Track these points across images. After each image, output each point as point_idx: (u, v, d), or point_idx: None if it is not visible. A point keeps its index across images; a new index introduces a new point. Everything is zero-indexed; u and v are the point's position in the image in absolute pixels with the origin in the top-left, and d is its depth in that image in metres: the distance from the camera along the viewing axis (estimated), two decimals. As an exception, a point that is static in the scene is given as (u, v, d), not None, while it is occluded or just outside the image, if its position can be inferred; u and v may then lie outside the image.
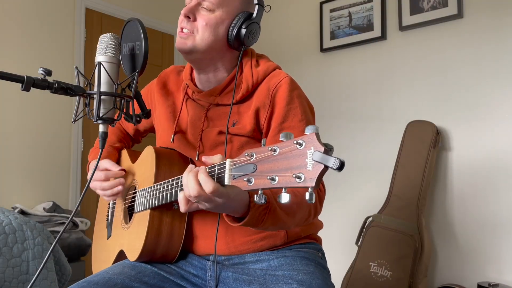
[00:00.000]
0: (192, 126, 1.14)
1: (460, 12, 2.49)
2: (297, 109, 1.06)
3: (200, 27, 1.06)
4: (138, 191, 1.14)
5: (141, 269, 1.09)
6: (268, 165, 0.67)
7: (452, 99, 2.52)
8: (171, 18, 3.82)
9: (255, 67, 1.12)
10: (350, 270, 2.50)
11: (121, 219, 1.23)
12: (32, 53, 2.92)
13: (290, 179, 0.63)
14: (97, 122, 0.91)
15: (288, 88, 1.07)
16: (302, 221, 1.01)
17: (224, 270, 1.08)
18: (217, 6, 1.06)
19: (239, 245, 1.07)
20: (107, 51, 0.93)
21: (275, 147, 0.67)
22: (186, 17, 1.07)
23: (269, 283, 1.01)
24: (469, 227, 2.41)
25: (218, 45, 1.08)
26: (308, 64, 3.16)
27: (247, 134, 1.07)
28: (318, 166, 0.60)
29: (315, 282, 0.98)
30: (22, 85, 0.82)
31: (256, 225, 0.89)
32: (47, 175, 2.97)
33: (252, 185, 0.69)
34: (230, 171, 0.74)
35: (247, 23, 1.08)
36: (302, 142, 0.63)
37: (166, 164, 1.10)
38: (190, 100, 1.17)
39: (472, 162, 2.43)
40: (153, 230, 1.06)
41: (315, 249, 1.14)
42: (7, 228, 1.70)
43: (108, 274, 1.06)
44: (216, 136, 1.09)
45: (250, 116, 1.07)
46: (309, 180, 0.61)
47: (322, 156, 0.60)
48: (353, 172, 2.85)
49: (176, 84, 1.23)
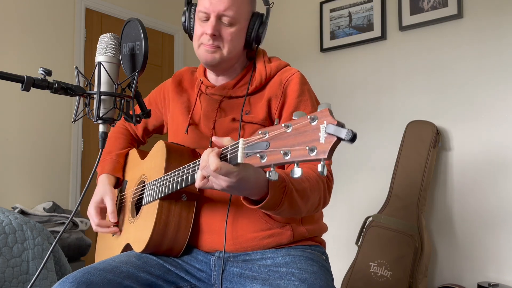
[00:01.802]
0: (206, 117, 1.19)
1: (460, 12, 2.49)
2: (307, 101, 1.13)
3: (226, 42, 1.12)
4: (147, 183, 1.16)
5: (146, 259, 1.11)
6: (281, 141, 0.69)
7: (452, 99, 2.52)
8: (171, 18, 3.82)
9: (268, 63, 1.20)
10: (350, 270, 2.50)
11: (129, 214, 1.23)
12: (32, 53, 2.92)
13: (303, 152, 0.65)
14: (97, 122, 0.91)
15: (300, 82, 1.14)
16: (313, 208, 1.03)
17: (228, 266, 1.10)
18: (237, 19, 1.12)
19: (244, 242, 1.08)
20: (107, 51, 0.93)
21: (288, 124, 0.69)
22: (213, 35, 1.11)
23: (272, 279, 1.02)
24: (469, 227, 2.41)
25: (239, 52, 1.17)
26: (308, 64, 3.16)
27: (259, 122, 1.12)
28: (331, 138, 0.62)
29: (317, 282, 0.99)
30: (22, 85, 0.82)
31: (273, 207, 0.92)
32: (47, 175, 2.97)
33: (265, 162, 0.70)
34: (243, 150, 0.75)
35: (262, 26, 1.16)
36: (315, 117, 0.65)
37: (177, 157, 1.12)
38: (204, 95, 1.23)
39: (472, 162, 2.43)
40: (161, 220, 1.06)
41: (320, 252, 1.15)
42: (7, 228, 1.70)
43: (114, 262, 1.07)
44: (229, 123, 1.14)
45: (263, 106, 1.13)
46: (321, 152, 0.63)
47: (336, 128, 0.61)
48: (353, 172, 2.85)
49: (190, 82, 1.29)
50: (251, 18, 1.15)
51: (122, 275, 1.03)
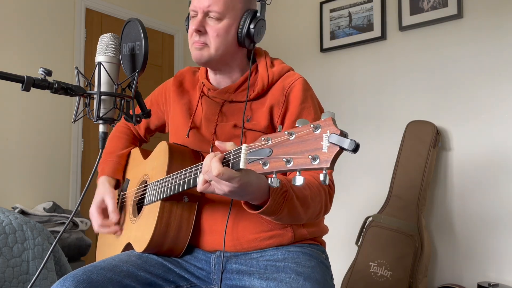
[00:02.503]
0: (207, 121, 1.18)
1: (460, 12, 2.49)
2: (310, 108, 1.11)
3: (212, 38, 1.10)
4: (149, 184, 1.16)
5: (147, 259, 1.11)
6: (284, 148, 0.69)
7: (452, 99, 2.52)
8: (171, 18, 3.82)
9: (270, 68, 1.17)
10: (350, 270, 2.50)
11: (130, 213, 1.24)
12: (32, 53, 2.92)
13: (305, 160, 0.65)
14: (97, 122, 0.91)
15: (302, 88, 1.12)
16: (314, 216, 1.03)
17: (228, 263, 1.10)
18: (224, 14, 1.09)
19: (245, 243, 1.09)
20: (107, 51, 0.93)
21: (291, 131, 0.69)
22: (198, 31, 1.10)
23: (269, 272, 1.03)
24: (469, 227, 2.41)
25: (230, 49, 1.13)
26: (308, 64, 3.16)
27: (261, 130, 1.11)
28: (333, 148, 0.62)
29: (313, 275, 1.01)
30: (22, 85, 0.82)
31: (273, 213, 0.92)
32: (47, 175, 2.97)
33: (268, 168, 0.70)
34: (246, 155, 0.76)
35: (254, 21, 1.12)
36: (319, 126, 0.65)
37: (179, 158, 1.12)
38: (205, 97, 1.22)
39: (472, 162, 2.43)
40: (163, 221, 1.07)
41: (320, 250, 1.16)
42: (7, 228, 1.70)
43: (114, 261, 1.08)
44: (231, 129, 1.13)
45: (264, 113, 1.12)
46: (324, 161, 0.63)
47: (338, 138, 0.62)
48: (353, 172, 2.85)
49: (192, 83, 1.28)
50: (244, 15, 1.13)
51: (122, 274, 1.03)
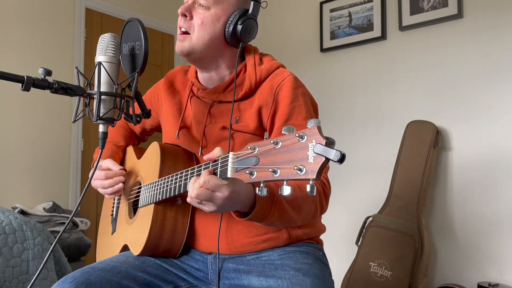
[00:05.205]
0: (196, 122, 1.16)
1: (460, 12, 2.49)
2: (301, 106, 1.07)
3: (196, 25, 1.07)
4: (142, 186, 1.16)
5: (145, 259, 1.11)
6: (270, 158, 0.68)
7: (452, 99, 2.52)
8: (171, 18, 3.82)
9: (259, 65, 1.13)
10: (350, 270, 2.50)
11: (126, 214, 1.24)
12: (32, 53, 2.92)
13: (291, 171, 0.64)
14: (97, 122, 0.91)
15: (292, 86, 1.07)
16: (309, 217, 1.02)
17: (225, 263, 1.10)
18: (213, 3, 1.07)
19: (240, 246, 1.08)
20: (107, 51, 0.93)
21: (277, 140, 0.68)
22: (183, 15, 1.08)
23: (267, 271, 1.03)
24: (469, 227, 2.41)
25: (215, 43, 1.09)
26: (308, 64, 3.16)
27: (250, 132, 1.08)
28: (319, 159, 0.61)
29: (312, 271, 1.01)
30: (22, 85, 0.82)
31: (263, 218, 0.90)
32: (47, 175, 2.97)
33: (254, 178, 0.70)
34: (233, 164, 0.75)
35: (243, 19, 1.08)
36: (304, 135, 0.64)
37: (171, 159, 1.11)
38: (195, 98, 1.19)
39: (472, 162, 2.43)
40: (157, 224, 1.07)
41: (316, 248, 1.15)
42: (7, 228, 1.70)
43: (112, 262, 1.08)
44: (219, 131, 1.11)
45: (253, 114, 1.08)
46: (310, 172, 0.62)
47: (324, 148, 0.60)
48: (353, 172, 2.85)
49: (183, 83, 1.26)
50: (235, 12, 1.09)
51: (120, 275, 1.03)
